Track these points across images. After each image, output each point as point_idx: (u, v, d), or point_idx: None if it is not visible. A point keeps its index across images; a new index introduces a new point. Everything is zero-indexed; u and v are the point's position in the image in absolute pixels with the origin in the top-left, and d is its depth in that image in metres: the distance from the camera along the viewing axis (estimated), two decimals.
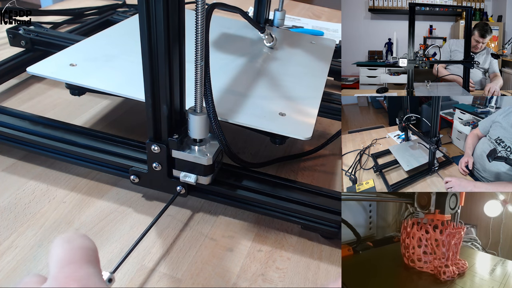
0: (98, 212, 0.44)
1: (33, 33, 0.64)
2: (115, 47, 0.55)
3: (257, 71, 0.56)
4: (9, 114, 0.49)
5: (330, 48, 0.69)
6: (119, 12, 0.89)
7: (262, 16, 0.72)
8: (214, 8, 0.42)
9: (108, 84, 0.45)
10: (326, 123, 0.64)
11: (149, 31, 0.33)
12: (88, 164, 0.45)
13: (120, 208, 0.45)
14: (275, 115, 0.46)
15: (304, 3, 1.27)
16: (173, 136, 0.39)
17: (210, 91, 0.38)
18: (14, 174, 0.47)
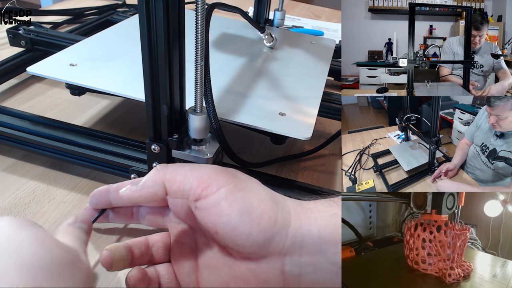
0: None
1: (33, 33, 0.64)
2: (115, 47, 0.55)
3: (257, 71, 0.56)
4: (9, 114, 0.49)
5: (330, 48, 0.69)
6: (119, 12, 0.89)
7: (262, 16, 0.72)
8: (214, 8, 0.42)
9: (108, 84, 0.45)
10: (326, 123, 0.64)
11: (149, 31, 0.33)
12: (88, 164, 0.45)
13: None
14: (275, 115, 0.46)
15: (304, 3, 1.27)
16: (173, 136, 0.39)
17: (210, 91, 0.38)
18: (14, 174, 0.47)
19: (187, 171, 0.30)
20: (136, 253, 0.33)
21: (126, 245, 0.33)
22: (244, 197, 0.29)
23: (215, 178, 0.30)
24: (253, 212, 0.28)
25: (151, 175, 0.31)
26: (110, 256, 0.31)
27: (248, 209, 0.28)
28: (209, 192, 0.29)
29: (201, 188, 0.29)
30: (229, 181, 0.30)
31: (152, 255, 0.34)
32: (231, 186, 0.29)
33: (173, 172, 0.30)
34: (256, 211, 0.29)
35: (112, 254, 0.31)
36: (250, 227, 0.28)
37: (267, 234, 0.28)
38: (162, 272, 0.33)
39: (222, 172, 0.31)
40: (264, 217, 0.29)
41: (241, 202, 0.29)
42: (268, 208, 0.29)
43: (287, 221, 0.29)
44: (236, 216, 0.28)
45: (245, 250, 0.29)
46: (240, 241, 0.29)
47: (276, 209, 0.29)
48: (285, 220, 0.29)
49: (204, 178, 0.30)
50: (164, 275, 0.33)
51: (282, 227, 0.29)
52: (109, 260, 0.31)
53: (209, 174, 0.30)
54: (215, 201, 0.29)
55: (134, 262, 0.33)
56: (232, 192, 0.29)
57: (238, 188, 0.29)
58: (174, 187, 0.30)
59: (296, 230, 0.29)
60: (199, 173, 0.30)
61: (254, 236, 0.28)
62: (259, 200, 0.29)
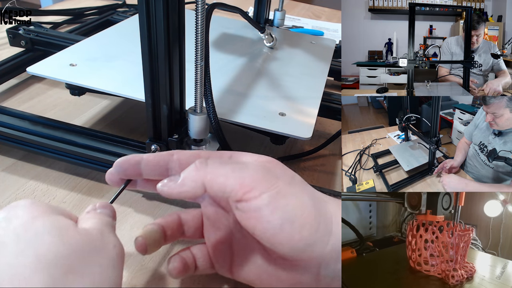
0: None
1: (33, 33, 0.64)
2: (115, 47, 0.55)
3: (257, 71, 0.56)
4: (9, 114, 0.49)
5: (330, 48, 0.69)
6: (119, 12, 0.89)
7: (262, 16, 0.72)
8: (214, 8, 0.42)
9: (108, 84, 0.45)
10: (326, 123, 0.64)
11: (149, 31, 0.33)
12: (88, 164, 0.45)
13: (120, 208, 0.45)
14: (275, 115, 0.46)
15: (304, 3, 1.27)
16: (173, 136, 0.39)
17: (210, 91, 0.38)
18: (14, 174, 0.47)
19: (229, 172, 0.29)
20: (168, 234, 0.33)
21: (159, 227, 0.33)
22: (287, 205, 0.28)
23: (259, 182, 0.29)
24: (295, 222, 0.28)
25: (190, 173, 0.30)
26: (144, 244, 0.31)
27: (290, 218, 0.28)
28: (251, 197, 0.28)
29: (243, 192, 0.28)
30: (272, 186, 0.29)
31: (183, 233, 0.35)
32: (274, 193, 0.28)
33: (213, 172, 0.29)
34: (298, 220, 0.28)
35: (146, 242, 0.31)
36: (290, 235, 0.28)
37: (307, 242, 0.28)
38: (198, 255, 0.34)
39: (265, 175, 0.30)
40: (306, 226, 0.28)
41: (283, 210, 0.28)
42: (311, 217, 0.29)
43: (329, 230, 0.29)
44: (277, 224, 0.28)
45: (283, 254, 0.29)
46: (279, 246, 0.28)
47: (319, 218, 0.29)
48: (327, 229, 0.29)
49: (247, 182, 0.29)
50: (200, 258, 0.34)
51: (324, 235, 0.29)
52: (143, 248, 0.31)
53: (252, 177, 0.29)
54: (256, 206, 0.28)
55: (166, 242, 0.34)
56: (275, 199, 0.28)
57: (281, 194, 0.29)
58: (215, 188, 0.29)
59: (336, 239, 0.29)
60: (242, 175, 0.29)
61: (294, 244, 0.28)
62: (301, 208, 0.29)
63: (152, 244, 0.32)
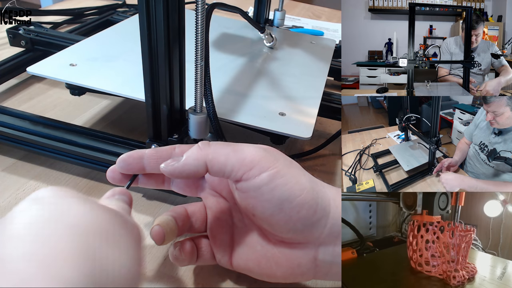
0: None
1: (33, 33, 0.64)
2: (115, 47, 0.55)
3: (257, 71, 0.56)
4: (9, 114, 0.49)
5: (330, 48, 0.69)
6: (119, 12, 0.89)
7: (262, 16, 0.72)
8: (214, 8, 0.42)
9: (108, 84, 0.45)
10: (326, 123, 0.64)
11: (149, 31, 0.33)
12: (88, 164, 0.45)
13: None
14: (275, 115, 0.46)
15: (304, 3, 1.27)
16: (173, 136, 0.39)
17: (210, 91, 0.38)
18: (14, 174, 0.47)
19: (230, 152, 0.30)
20: (180, 225, 0.33)
21: (172, 217, 0.33)
22: (286, 184, 0.29)
23: (258, 162, 0.29)
24: (294, 201, 0.29)
25: (193, 152, 0.30)
26: (162, 232, 0.31)
27: (288, 198, 0.28)
28: (250, 176, 0.29)
29: (243, 171, 0.29)
30: (272, 165, 0.29)
31: (192, 225, 0.35)
32: (273, 172, 0.29)
33: (215, 152, 0.30)
34: (297, 200, 0.29)
35: (164, 230, 0.31)
36: (289, 215, 0.28)
37: (305, 223, 0.29)
38: (200, 245, 0.34)
39: (265, 155, 0.30)
40: (304, 206, 0.29)
41: (282, 190, 0.29)
42: (308, 197, 0.29)
43: (327, 212, 0.30)
44: (276, 203, 0.28)
45: (282, 235, 0.29)
46: (277, 227, 0.29)
47: (317, 199, 0.30)
48: (325, 211, 0.30)
49: (247, 161, 0.29)
50: (202, 247, 0.34)
51: (322, 217, 0.29)
52: (161, 236, 0.31)
53: (252, 157, 0.29)
54: (256, 185, 0.29)
55: (178, 233, 0.33)
56: (274, 178, 0.29)
57: (281, 174, 0.29)
58: (216, 167, 0.30)
59: (335, 220, 0.29)
60: (242, 155, 0.30)
61: (292, 224, 0.29)
62: (300, 189, 0.29)
63: (169, 233, 0.32)
